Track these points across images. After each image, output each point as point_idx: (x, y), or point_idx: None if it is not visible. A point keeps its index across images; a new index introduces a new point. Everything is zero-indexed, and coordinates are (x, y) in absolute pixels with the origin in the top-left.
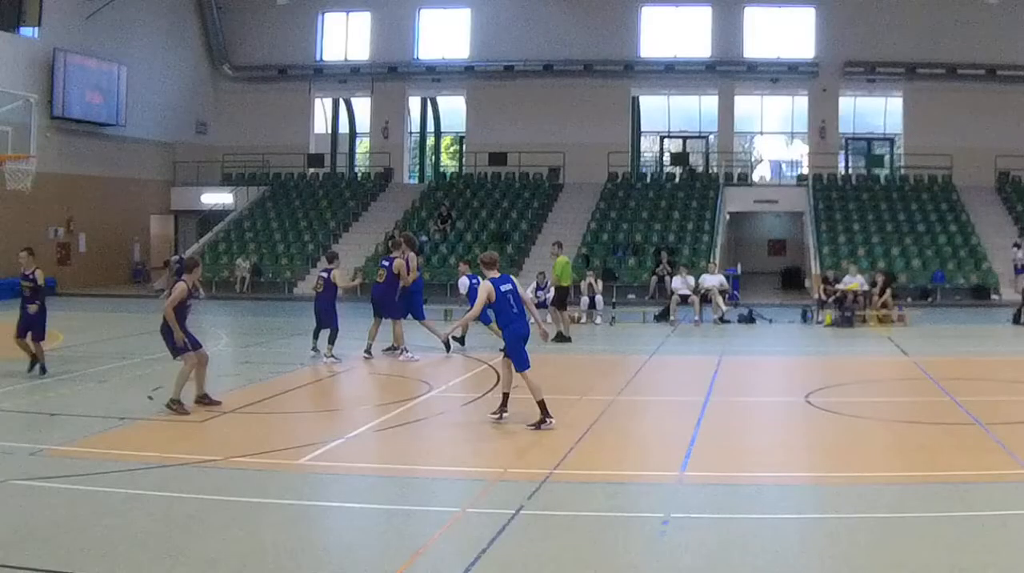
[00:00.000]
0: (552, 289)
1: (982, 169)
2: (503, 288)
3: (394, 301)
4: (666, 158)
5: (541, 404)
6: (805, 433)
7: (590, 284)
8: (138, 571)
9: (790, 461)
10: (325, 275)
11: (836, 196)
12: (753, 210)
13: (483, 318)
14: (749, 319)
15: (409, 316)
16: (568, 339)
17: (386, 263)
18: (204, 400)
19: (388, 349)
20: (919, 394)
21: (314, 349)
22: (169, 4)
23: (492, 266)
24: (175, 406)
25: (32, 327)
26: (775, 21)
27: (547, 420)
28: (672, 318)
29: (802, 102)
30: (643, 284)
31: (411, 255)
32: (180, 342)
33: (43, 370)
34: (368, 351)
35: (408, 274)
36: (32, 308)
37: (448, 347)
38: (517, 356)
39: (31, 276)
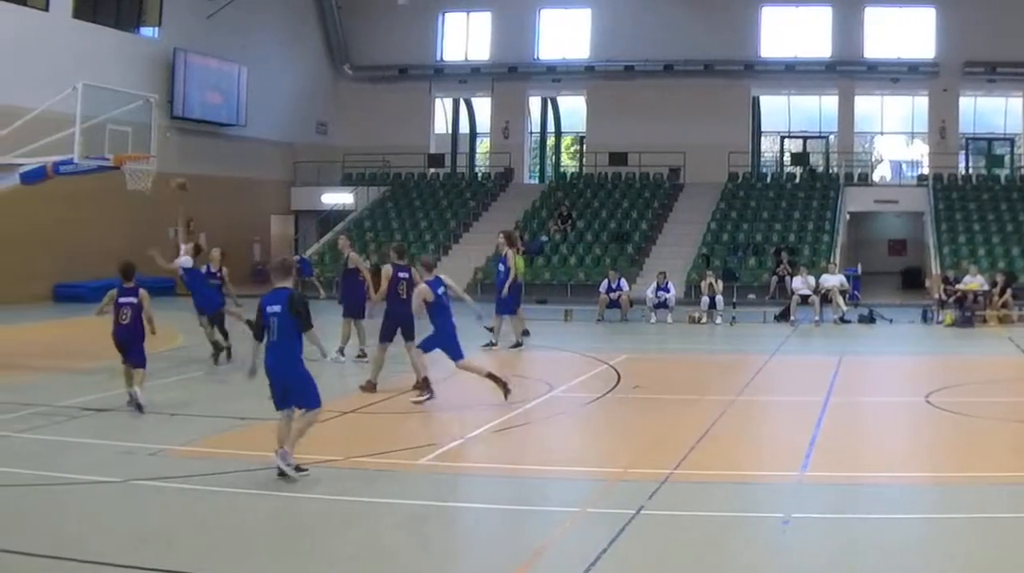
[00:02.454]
0: (672, 289)
1: None
2: (439, 290)
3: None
4: (786, 158)
5: (491, 376)
6: (925, 433)
7: (710, 284)
8: (257, 570)
9: (910, 461)
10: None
11: (956, 196)
12: (873, 210)
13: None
14: (869, 319)
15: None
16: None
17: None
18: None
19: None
20: None
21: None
22: (290, 4)
23: (429, 270)
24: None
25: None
26: (895, 21)
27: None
28: (792, 318)
29: (922, 102)
30: (763, 284)
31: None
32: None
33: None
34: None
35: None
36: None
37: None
38: (454, 348)
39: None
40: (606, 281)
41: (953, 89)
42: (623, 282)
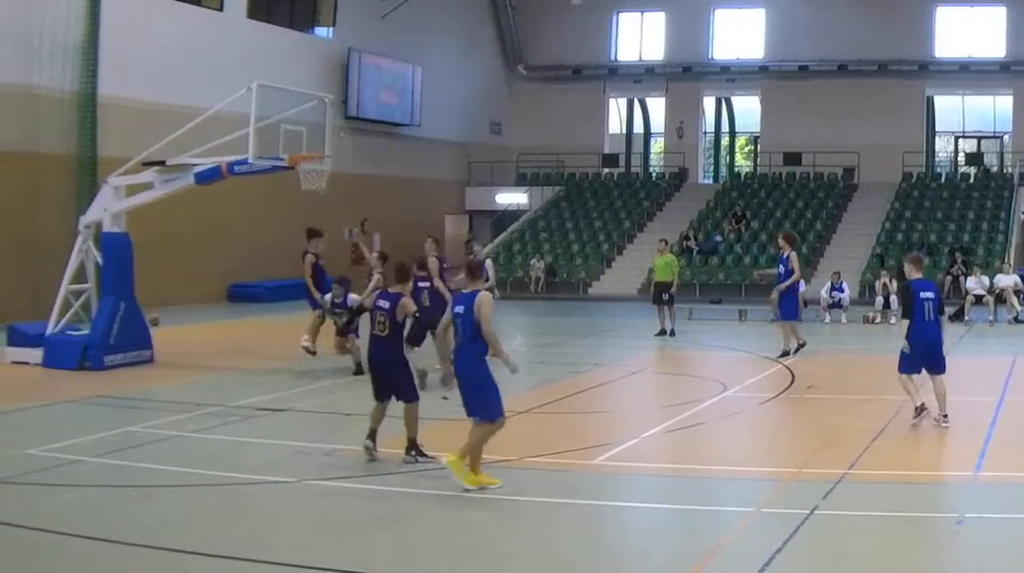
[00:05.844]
0: (847, 289)
1: None
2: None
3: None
4: (960, 158)
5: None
6: None
7: (884, 284)
8: (432, 570)
9: None
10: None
11: None
12: None
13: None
14: None
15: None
16: (668, 332)
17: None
18: None
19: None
20: None
21: None
22: (464, 4)
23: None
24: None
25: None
26: None
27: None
28: (966, 318)
29: None
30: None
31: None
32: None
33: None
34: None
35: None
36: None
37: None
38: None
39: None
40: None
41: None
42: (800, 282)
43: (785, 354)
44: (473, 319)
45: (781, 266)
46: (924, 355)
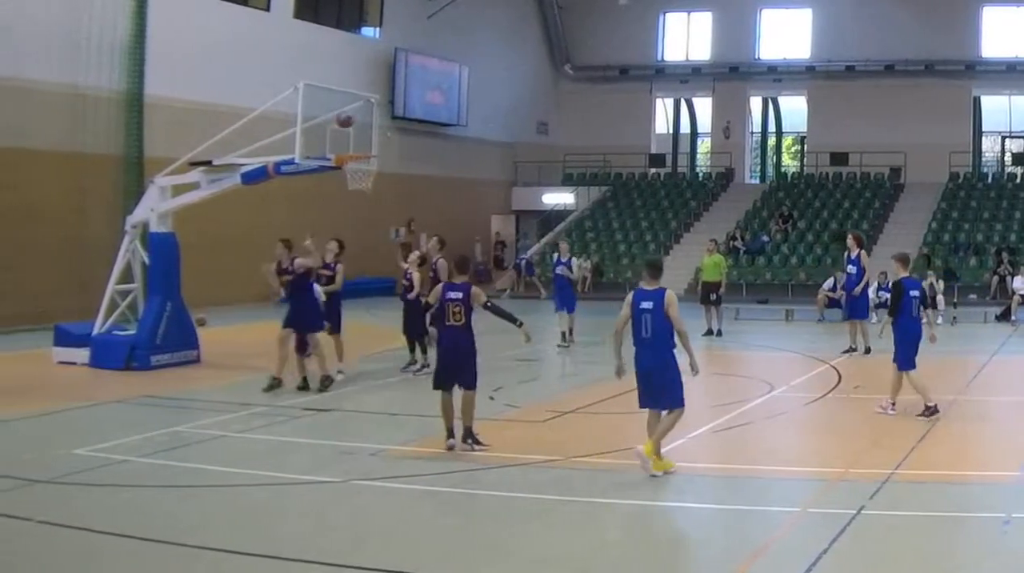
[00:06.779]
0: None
1: None
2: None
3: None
4: (1007, 158)
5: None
6: None
7: (931, 284)
8: (476, 570)
9: None
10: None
11: None
12: None
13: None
14: None
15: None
16: (715, 331)
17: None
18: None
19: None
20: None
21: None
22: (511, 4)
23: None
24: None
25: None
26: None
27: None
28: (1013, 318)
29: None
30: (984, 284)
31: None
32: None
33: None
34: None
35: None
36: None
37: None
38: None
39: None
40: (831, 280)
41: None
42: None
43: (868, 351)
44: (663, 315)
45: (852, 266)
46: (917, 347)
